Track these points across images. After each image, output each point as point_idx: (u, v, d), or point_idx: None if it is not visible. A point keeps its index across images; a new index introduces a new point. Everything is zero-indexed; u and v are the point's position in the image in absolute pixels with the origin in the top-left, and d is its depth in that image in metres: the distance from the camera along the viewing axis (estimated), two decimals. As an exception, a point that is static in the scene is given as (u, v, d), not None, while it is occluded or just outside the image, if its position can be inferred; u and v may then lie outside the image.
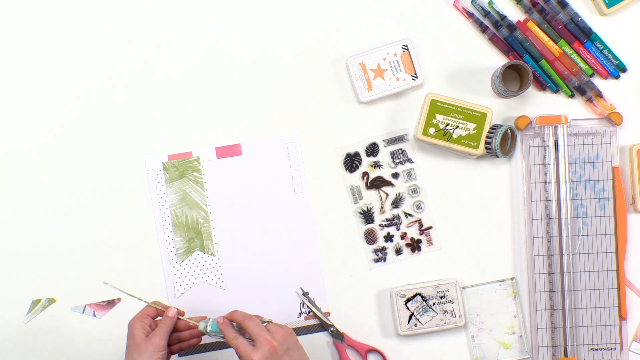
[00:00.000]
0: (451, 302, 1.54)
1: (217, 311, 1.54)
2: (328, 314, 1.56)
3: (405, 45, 1.55)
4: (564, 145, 1.54)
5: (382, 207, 1.57)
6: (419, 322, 1.54)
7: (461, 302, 1.54)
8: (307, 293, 1.56)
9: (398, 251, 1.57)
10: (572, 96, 1.57)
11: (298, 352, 1.36)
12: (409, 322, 1.54)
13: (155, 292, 1.54)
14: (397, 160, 1.57)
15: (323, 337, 1.56)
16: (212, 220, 1.56)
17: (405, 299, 1.54)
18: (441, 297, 1.54)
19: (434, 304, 1.54)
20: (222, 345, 1.55)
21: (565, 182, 1.54)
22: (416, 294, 1.54)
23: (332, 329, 1.55)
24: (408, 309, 1.54)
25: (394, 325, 1.55)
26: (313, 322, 1.56)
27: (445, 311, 1.54)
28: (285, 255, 1.56)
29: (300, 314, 1.56)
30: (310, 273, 1.56)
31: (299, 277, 1.56)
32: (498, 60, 1.57)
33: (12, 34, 1.55)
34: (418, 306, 1.54)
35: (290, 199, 1.57)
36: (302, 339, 1.54)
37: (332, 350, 1.57)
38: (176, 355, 1.54)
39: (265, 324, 1.37)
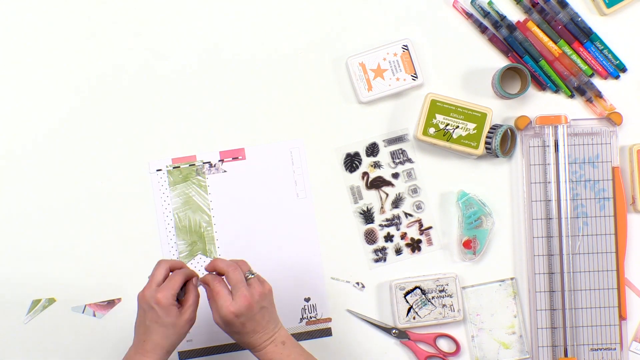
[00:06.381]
0: (450, 296, 1.54)
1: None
2: (329, 319, 1.56)
3: (405, 45, 1.55)
4: (564, 145, 1.54)
5: (382, 207, 1.57)
6: (418, 315, 1.54)
7: (460, 296, 1.54)
8: (309, 299, 1.56)
9: (398, 251, 1.57)
10: (571, 96, 1.57)
11: (269, 312, 1.37)
12: (407, 314, 1.54)
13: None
14: (397, 160, 1.57)
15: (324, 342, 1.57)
16: (214, 224, 1.56)
17: (404, 291, 1.54)
18: (440, 291, 1.54)
19: (433, 297, 1.54)
20: (222, 349, 1.56)
21: (565, 182, 1.54)
22: (415, 287, 1.54)
23: (394, 330, 1.55)
24: (407, 301, 1.54)
25: (392, 318, 1.55)
26: (314, 327, 1.56)
27: (444, 305, 1.54)
28: (287, 260, 1.56)
29: (301, 319, 1.56)
30: (312, 277, 1.56)
31: (301, 281, 1.56)
32: (498, 60, 1.57)
33: (15, 35, 1.55)
34: (417, 299, 1.54)
35: (294, 203, 1.56)
36: (307, 344, 1.54)
37: (396, 350, 1.57)
38: (176, 355, 1.55)
39: (250, 277, 1.36)
